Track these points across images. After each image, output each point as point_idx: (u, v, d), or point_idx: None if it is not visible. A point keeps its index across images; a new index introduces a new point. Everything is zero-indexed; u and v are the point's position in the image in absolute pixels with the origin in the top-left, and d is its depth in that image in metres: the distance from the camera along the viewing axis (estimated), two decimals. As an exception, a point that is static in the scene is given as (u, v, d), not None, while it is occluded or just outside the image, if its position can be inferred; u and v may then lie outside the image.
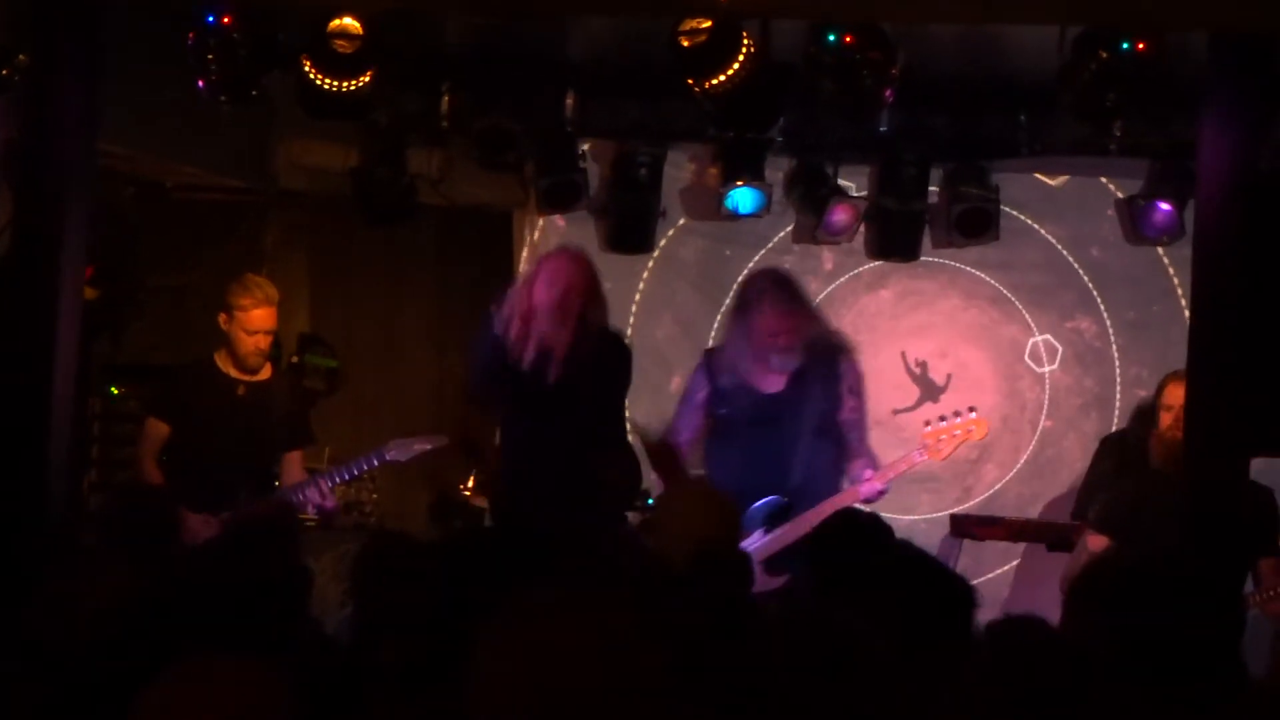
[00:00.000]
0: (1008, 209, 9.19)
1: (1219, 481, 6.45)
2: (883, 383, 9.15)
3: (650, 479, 8.01)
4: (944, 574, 4.81)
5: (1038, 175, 9.42)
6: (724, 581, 5.17)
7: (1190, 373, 6.57)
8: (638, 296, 9.68)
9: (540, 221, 9.61)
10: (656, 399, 9.23)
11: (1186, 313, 8.87)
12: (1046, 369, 9.34)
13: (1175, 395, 7.43)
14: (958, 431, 7.97)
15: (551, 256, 7.77)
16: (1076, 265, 9.55)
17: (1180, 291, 9.29)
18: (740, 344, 7.77)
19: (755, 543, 7.40)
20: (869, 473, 7.72)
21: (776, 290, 7.74)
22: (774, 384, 7.76)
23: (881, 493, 7.73)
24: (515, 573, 4.25)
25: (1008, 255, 9.47)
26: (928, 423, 8.13)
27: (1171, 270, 9.40)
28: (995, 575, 9.26)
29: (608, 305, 7.72)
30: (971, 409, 8.13)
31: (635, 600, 3.65)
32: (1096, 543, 7.59)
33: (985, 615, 4.26)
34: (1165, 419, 7.54)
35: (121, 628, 3.93)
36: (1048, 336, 9.53)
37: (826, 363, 7.76)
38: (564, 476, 7.37)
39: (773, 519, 7.55)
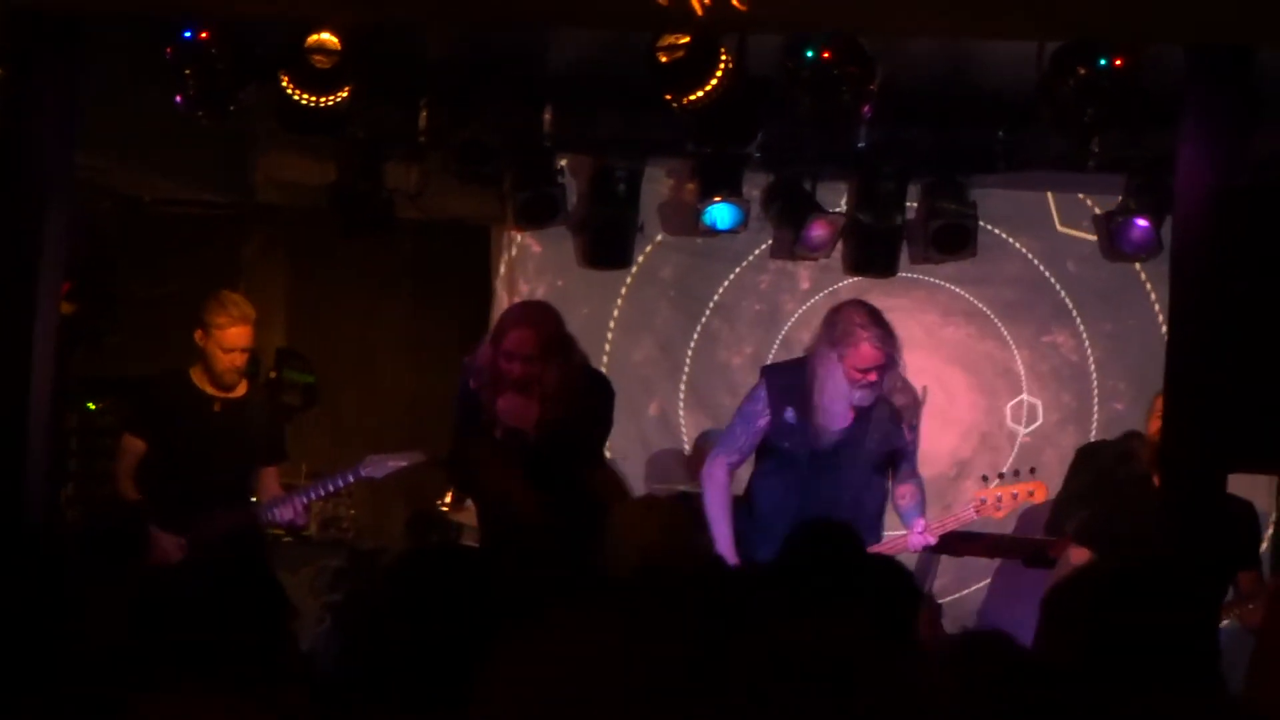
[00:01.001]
0: (984, 224, 9.19)
1: (1196, 497, 6.45)
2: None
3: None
4: (905, 582, 4.85)
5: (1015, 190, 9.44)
6: (669, 590, 5.12)
7: (1167, 388, 6.57)
8: (615, 313, 9.67)
9: (518, 236, 9.61)
10: (637, 423, 9.23)
11: (1163, 325, 8.94)
12: (1023, 429, 9.32)
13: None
14: (1016, 493, 7.87)
15: (508, 322, 7.38)
16: (1053, 279, 9.57)
17: (1157, 305, 9.32)
18: (825, 375, 7.51)
19: None
20: (920, 523, 7.65)
21: (875, 326, 7.49)
22: (842, 419, 7.56)
23: (930, 546, 7.74)
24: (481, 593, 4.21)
25: (984, 270, 9.48)
26: (985, 478, 8.10)
27: (1148, 284, 9.42)
28: (976, 590, 9.27)
29: (576, 348, 7.39)
30: (1032, 469, 8.09)
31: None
32: (1079, 555, 7.62)
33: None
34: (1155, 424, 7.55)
35: (98, 650, 3.92)
36: (1036, 401, 9.51)
37: (894, 399, 7.60)
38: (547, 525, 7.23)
39: None
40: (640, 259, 9.57)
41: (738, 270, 9.64)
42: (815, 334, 7.75)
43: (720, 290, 9.65)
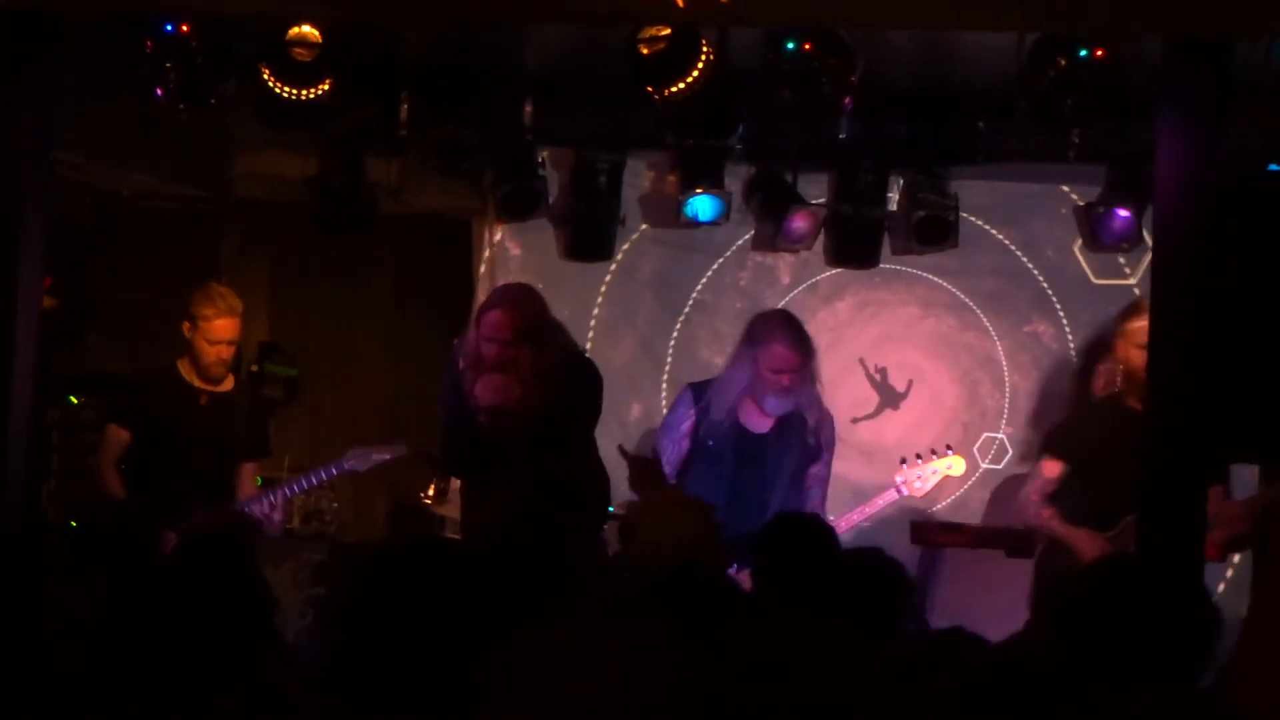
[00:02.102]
0: (964, 214, 9.20)
1: (1178, 486, 6.46)
2: (841, 390, 9.16)
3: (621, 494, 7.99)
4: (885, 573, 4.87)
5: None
6: (703, 587, 5.15)
7: (1150, 378, 6.58)
8: (596, 310, 9.67)
9: (499, 230, 9.60)
10: (622, 425, 9.23)
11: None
12: (984, 466, 9.34)
13: (1138, 329, 7.57)
14: (935, 469, 8.10)
15: (488, 304, 7.40)
16: (1033, 268, 9.58)
17: (1138, 291, 9.34)
18: (741, 377, 7.79)
19: None
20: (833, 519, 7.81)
21: (788, 330, 7.79)
22: (762, 425, 7.84)
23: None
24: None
25: (964, 261, 9.49)
26: (904, 460, 8.21)
27: (1127, 269, 9.44)
28: (957, 582, 9.27)
29: (560, 332, 7.43)
30: (949, 447, 8.41)
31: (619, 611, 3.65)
32: (1050, 468, 7.86)
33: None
34: (1137, 356, 7.63)
35: (86, 649, 3.92)
36: (1002, 437, 9.53)
37: (808, 415, 7.84)
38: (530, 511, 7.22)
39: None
40: (621, 252, 9.56)
41: (719, 262, 9.64)
42: (736, 342, 8.02)
43: (701, 284, 9.66)
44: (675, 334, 9.67)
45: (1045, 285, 9.55)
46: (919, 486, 8.28)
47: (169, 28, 7.33)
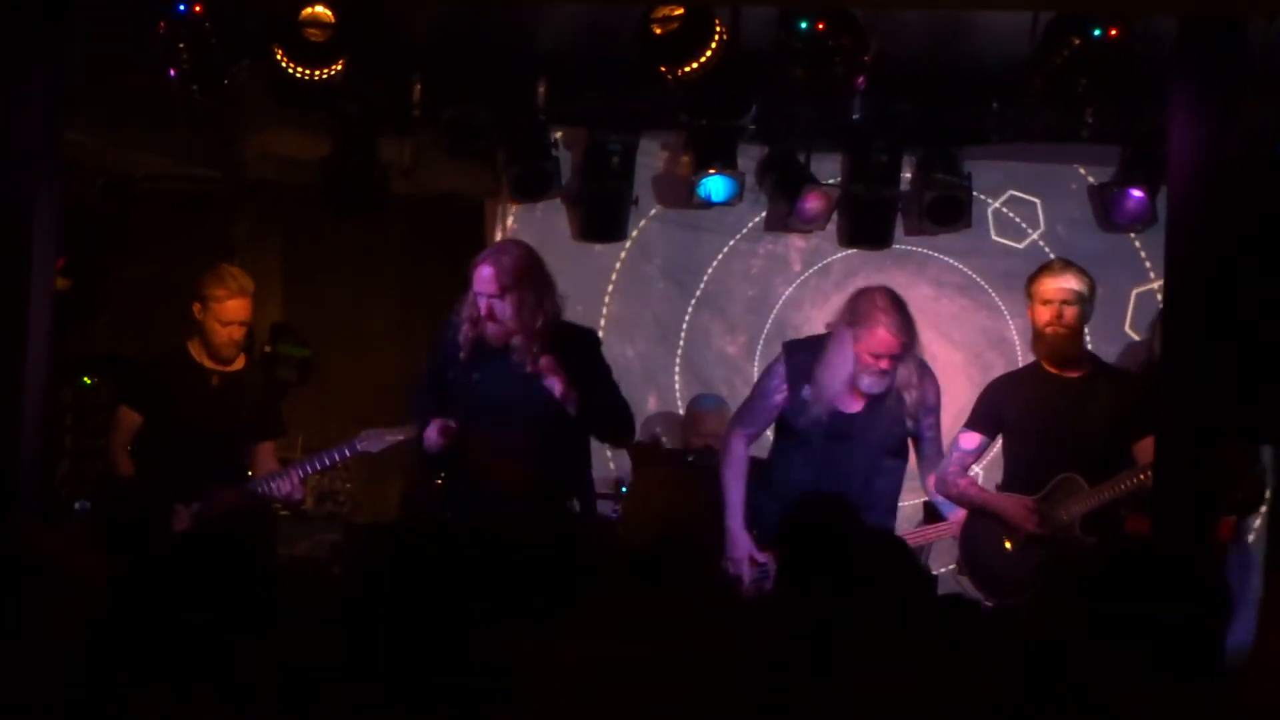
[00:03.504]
0: (975, 194, 9.18)
1: (1191, 467, 6.46)
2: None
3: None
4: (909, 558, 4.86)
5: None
6: (691, 564, 5.12)
7: (1164, 359, 6.59)
8: (608, 295, 9.69)
9: (512, 211, 9.60)
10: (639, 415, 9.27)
11: (1156, 288, 8.98)
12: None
13: (1048, 288, 7.62)
14: None
15: (477, 260, 7.44)
16: (1046, 248, 9.56)
17: (1149, 264, 9.33)
18: (840, 357, 7.54)
19: None
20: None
21: (894, 312, 7.50)
22: (855, 404, 7.61)
23: None
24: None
25: (975, 240, 9.48)
26: None
27: (1137, 243, 9.42)
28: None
29: (549, 291, 7.37)
30: None
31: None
32: (968, 440, 7.84)
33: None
34: (1043, 313, 7.65)
35: (99, 625, 3.92)
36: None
37: (905, 394, 7.62)
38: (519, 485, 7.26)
39: None
40: (635, 232, 9.56)
41: (732, 242, 9.64)
42: (837, 313, 7.76)
43: (712, 268, 9.67)
44: (686, 321, 9.69)
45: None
46: None
47: (182, 8, 7.34)
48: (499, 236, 9.69)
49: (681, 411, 9.65)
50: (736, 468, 7.66)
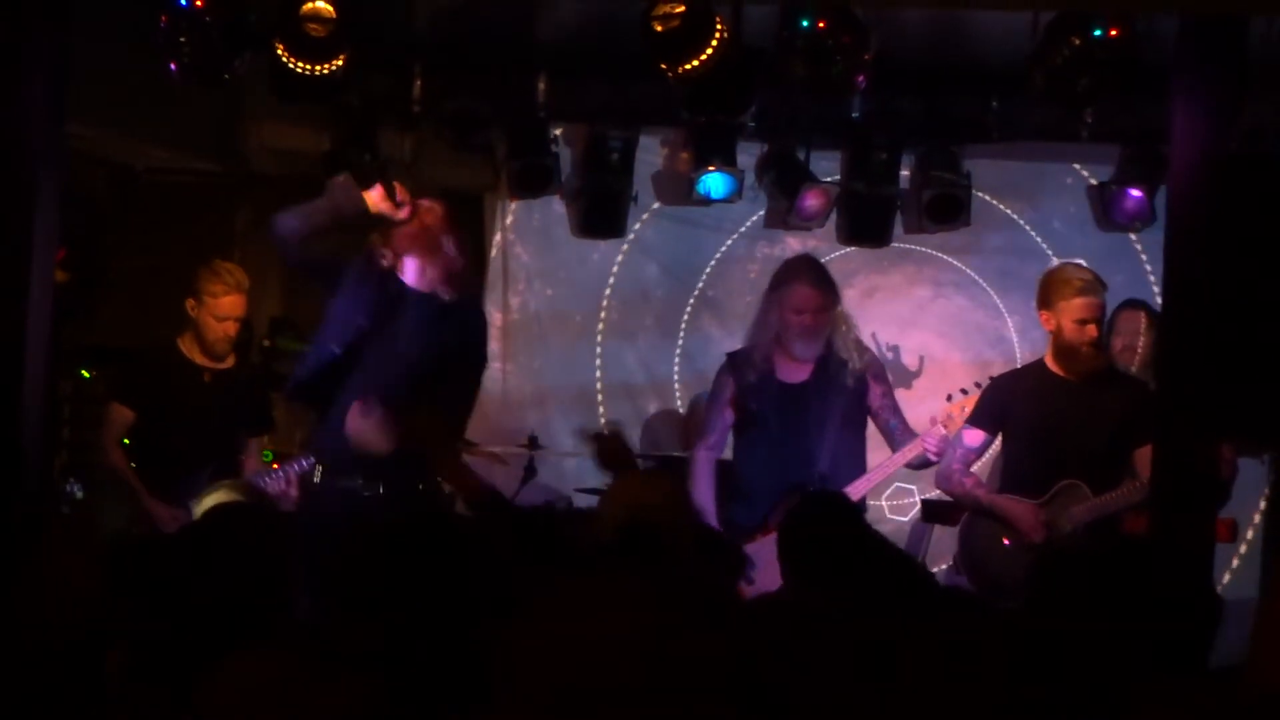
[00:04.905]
0: (974, 192, 9.19)
1: (1188, 467, 6.47)
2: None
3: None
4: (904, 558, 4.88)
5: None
6: (656, 555, 5.11)
7: (1162, 359, 6.60)
8: (608, 290, 9.71)
9: (512, 206, 9.61)
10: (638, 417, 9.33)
11: (1153, 283, 8.99)
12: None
13: (1079, 306, 7.63)
14: (965, 406, 8.06)
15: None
16: (1042, 242, 9.57)
17: (1146, 261, 9.33)
18: (768, 324, 7.92)
19: None
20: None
21: (810, 271, 7.96)
22: (798, 373, 7.93)
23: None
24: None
25: (973, 238, 9.49)
26: (949, 396, 8.17)
27: (1138, 245, 9.43)
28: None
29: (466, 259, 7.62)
30: (963, 390, 8.22)
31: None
32: (972, 437, 7.88)
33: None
34: (1076, 332, 7.65)
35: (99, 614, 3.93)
36: None
37: (845, 356, 7.93)
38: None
39: None
40: (635, 228, 9.57)
41: (732, 239, 9.66)
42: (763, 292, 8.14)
43: (709, 270, 9.71)
44: (686, 319, 9.71)
45: (1056, 261, 9.50)
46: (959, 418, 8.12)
47: (183, 2, 7.33)
48: (498, 231, 9.70)
49: (683, 411, 9.66)
50: (704, 479, 7.94)
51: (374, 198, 7.37)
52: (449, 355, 7.37)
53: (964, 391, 8.11)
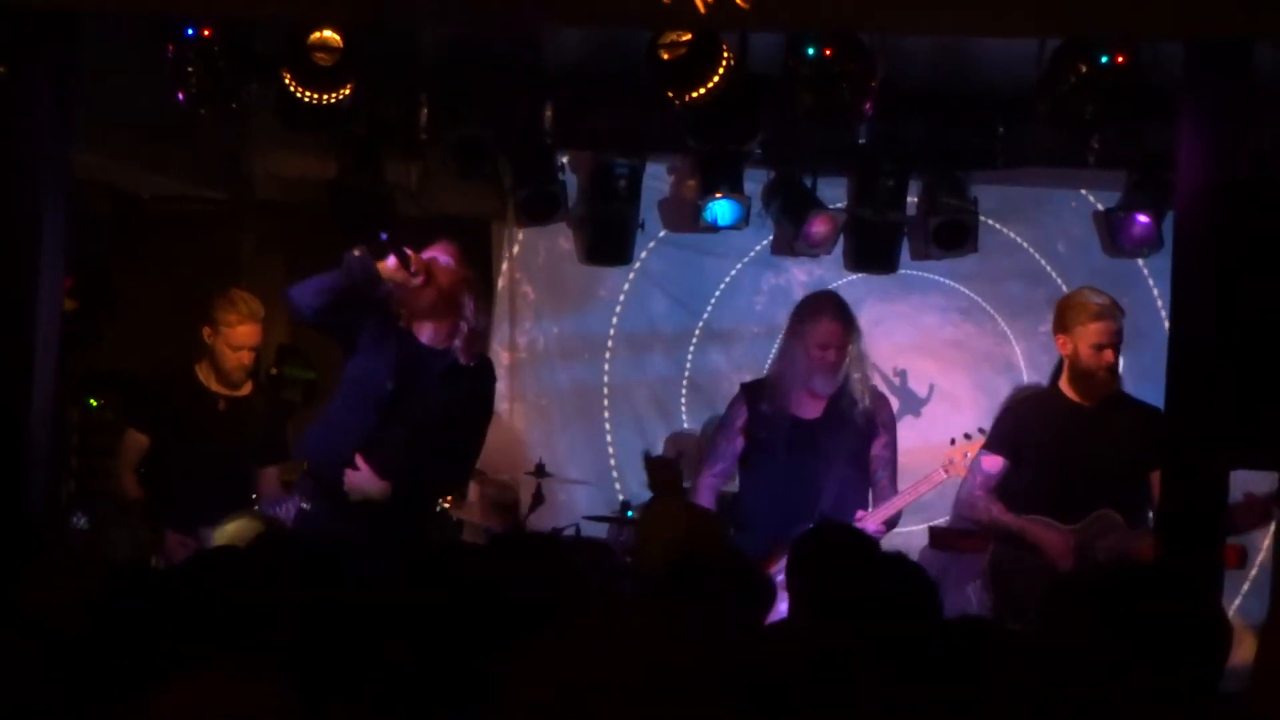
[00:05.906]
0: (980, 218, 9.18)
1: (1196, 490, 6.46)
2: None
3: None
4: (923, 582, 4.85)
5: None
6: (701, 589, 5.14)
7: (1169, 382, 6.58)
8: (615, 318, 9.72)
9: (519, 233, 9.62)
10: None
11: (1160, 305, 8.97)
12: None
13: (1097, 331, 7.62)
14: (968, 452, 8.03)
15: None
16: (1048, 267, 9.57)
17: (1153, 282, 9.32)
18: (793, 364, 7.93)
19: None
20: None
21: (835, 307, 7.96)
22: (812, 409, 7.95)
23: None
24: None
25: (980, 264, 9.48)
26: (953, 440, 8.15)
27: (1144, 267, 9.41)
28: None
29: (483, 307, 7.75)
30: (981, 430, 8.18)
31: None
32: (991, 463, 7.85)
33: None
34: (1093, 357, 7.65)
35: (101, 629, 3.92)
36: None
37: (858, 396, 7.95)
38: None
39: None
40: (642, 256, 9.58)
41: (739, 266, 9.66)
42: (785, 327, 8.20)
43: (720, 289, 9.70)
44: (693, 345, 9.71)
45: (1062, 284, 9.48)
46: (964, 466, 8.09)
47: (190, 31, 7.35)
48: (505, 259, 9.71)
49: (698, 434, 9.65)
50: (706, 505, 7.86)
51: (389, 268, 7.37)
52: (457, 411, 7.51)
53: (967, 436, 8.10)
